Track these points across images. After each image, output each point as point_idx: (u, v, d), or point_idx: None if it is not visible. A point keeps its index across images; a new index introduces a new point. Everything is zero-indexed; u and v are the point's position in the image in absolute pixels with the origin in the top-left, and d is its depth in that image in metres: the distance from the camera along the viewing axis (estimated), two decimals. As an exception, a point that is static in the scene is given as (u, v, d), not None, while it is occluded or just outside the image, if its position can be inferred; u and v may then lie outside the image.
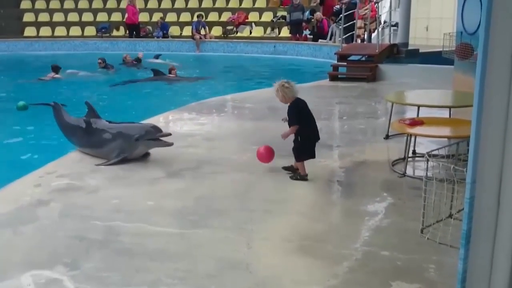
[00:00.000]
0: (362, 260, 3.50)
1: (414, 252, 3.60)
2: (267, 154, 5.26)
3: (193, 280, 3.27)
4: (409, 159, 5.53)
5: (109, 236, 3.91)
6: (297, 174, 5.15)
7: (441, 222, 2.88)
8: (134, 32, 21.83)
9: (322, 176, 5.38)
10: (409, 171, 5.36)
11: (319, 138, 5.23)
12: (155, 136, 5.56)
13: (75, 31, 23.43)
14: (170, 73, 14.23)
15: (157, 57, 18.33)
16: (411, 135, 5.33)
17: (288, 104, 5.08)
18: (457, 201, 2.85)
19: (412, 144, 5.73)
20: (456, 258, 3.40)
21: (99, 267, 3.45)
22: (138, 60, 17.16)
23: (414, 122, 5.33)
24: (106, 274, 3.37)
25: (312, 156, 5.17)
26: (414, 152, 5.71)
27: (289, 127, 5.08)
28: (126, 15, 21.80)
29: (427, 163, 2.71)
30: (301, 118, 5.06)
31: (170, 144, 5.53)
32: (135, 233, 3.97)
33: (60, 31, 23.44)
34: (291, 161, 5.28)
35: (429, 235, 2.90)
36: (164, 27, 22.29)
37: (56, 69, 14.27)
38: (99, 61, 16.17)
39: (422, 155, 5.88)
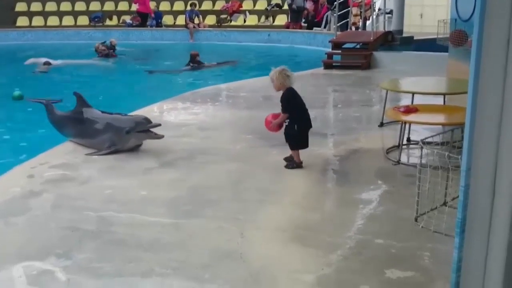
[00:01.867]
0: (356, 249, 3.49)
1: (408, 240, 3.59)
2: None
3: (187, 270, 3.25)
4: (403, 146, 5.51)
5: (101, 226, 3.88)
6: (292, 162, 5.12)
7: (435, 210, 2.86)
8: (141, 23, 21.53)
9: (317, 165, 5.35)
10: (404, 159, 5.34)
11: (311, 126, 5.21)
12: (146, 127, 5.51)
13: (68, 20, 23.20)
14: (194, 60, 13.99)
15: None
16: (405, 123, 5.31)
17: (282, 91, 5.04)
18: (452, 189, 2.83)
19: (406, 131, 5.71)
20: (451, 246, 3.39)
21: (92, 258, 3.42)
22: (112, 47, 16.87)
23: (409, 110, 5.30)
24: (98, 264, 3.34)
25: (306, 145, 5.15)
26: (408, 139, 5.69)
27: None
28: (137, 5, 21.46)
29: (421, 150, 2.68)
30: (294, 106, 5.02)
31: (161, 137, 5.48)
32: (128, 223, 3.94)
33: (53, 20, 23.22)
34: (284, 150, 5.25)
35: (423, 223, 2.88)
36: (157, 16, 22.12)
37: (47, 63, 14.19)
38: (103, 47, 16.30)
39: (417, 143, 5.87)
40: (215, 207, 4.20)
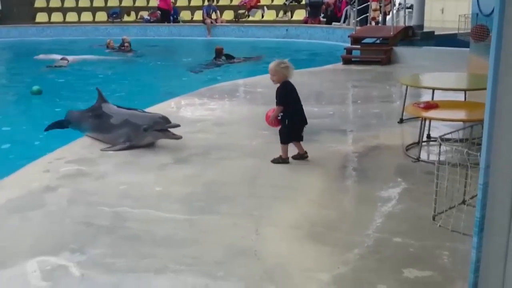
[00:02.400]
0: (374, 247, 3.41)
1: (427, 239, 3.50)
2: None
3: (201, 267, 3.21)
4: (423, 143, 5.40)
5: (116, 222, 3.87)
6: (278, 158, 5.07)
7: (454, 208, 2.77)
8: (166, 19, 21.57)
9: (334, 162, 5.28)
10: (423, 156, 5.24)
11: (306, 123, 5.14)
12: (164, 127, 5.48)
13: (86, 16, 23.42)
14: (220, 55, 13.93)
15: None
16: (425, 119, 5.20)
17: (278, 84, 5.00)
18: (471, 187, 2.73)
19: (426, 128, 5.60)
20: (471, 246, 3.32)
21: (106, 253, 3.40)
22: (123, 45, 16.95)
23: (429, 106, 5.19)
24: (112, 260, 3.32)
25: (299, 138, 5.10)
26: (428, 136, 5.58)
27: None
28: (158, 1, 21.52)
29: (440, 147, 2.58)
30: (289, 100, 4.99)
31: (179, 137, 5.44)
32: (143, 219, 3.91)
33: (72, 16, 23.45)
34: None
35: (441, 222, 2.79)
36: (174, 12, 22.15)
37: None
38: (125, 43, 16.59)
39: (436, 140, 5.76)
40: (230, 204, 4.16)
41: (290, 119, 5.01)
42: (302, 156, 5.11)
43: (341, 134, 6.43)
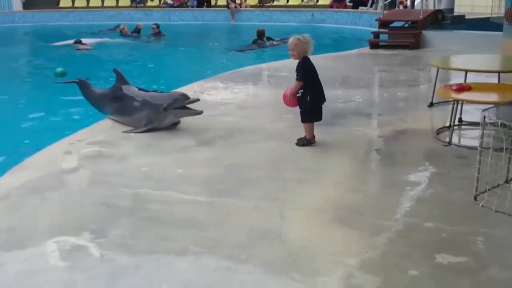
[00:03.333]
0: (403, 232, 3.25)
1: (460, 224, 3.33)
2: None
3: (222, 250, 3.10)
4: (455, 127, 5.18)
5: (137, 203, 3.78)
6: (303, 139, 4.92)
7: (497, 188, 2.58)
8: (205, 3, 21.47)
9: (361, 145, 5.11)
10: (455, 140, 5.02)
11: (325, 99, 4.99)
12: (183, 103, 5.37)
13: (110, 1, 23.46)
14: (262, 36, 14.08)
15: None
16: (457, 102, 4.97)
17: (298, 60, 4.85)
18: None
19: (458, 111, 5.37)
20: (507, 231, 3.14)
21: (126, 235, 3.32)
22: (138, 30, 16.93)
23: (461, 88, 4.97)
24: (132, 241, 3.24)
25: (319, 118, 4.95)
26: (460, 120, 5.35)
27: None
28: None
29: (483, 123, 2.36)
30: (310, 76, 4.83)
31: (200, 112, 5.34)
32: (163, 201, 3.82)
33: (95, 1, 23.51)
34: (326, 129, 5.02)
35: (484, 202, 2.60)
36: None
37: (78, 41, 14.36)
38: (153, 26, 16.60)
39: (469, 123, 5.54)
40: (253, 186, 4.03)
41: (312, 95, 4.85)
42: (309, 141, 4.93)
43: (368, 117, 6.24)
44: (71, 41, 14.54)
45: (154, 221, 3.51)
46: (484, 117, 2.30)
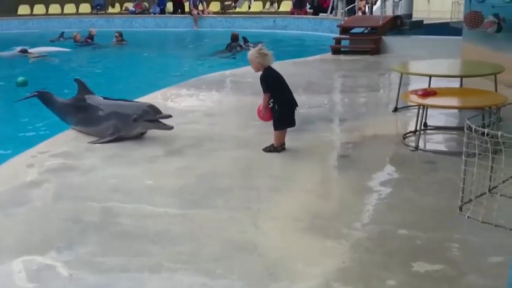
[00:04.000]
0: (379, 240, 3.25)
1: (433, 230, 3.35)
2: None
3: (198, 264, 3.02)
4: (420, 132, 5.25)
5: (106, 218, 3.66)
6: (270, 146, 4.91)
7: (481, 197, 2.58)
8: (179, 10, 21.17)
9: (330, 151, 5.13)
10: (421, 145, 5.09)
11: (297, 105, 5.00)
12: (155, 117, 5.26)
13: (69, 8, 22.98)
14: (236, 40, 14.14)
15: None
16: (424, 107, 5.04)
17: (261, 72, 4.85)
18: (496, 174, 2.56)
19: (423, 116, 5.43)
20: (481, 237, 3.17)
21: (96, 252, 3.20)
22: (91, 37, 16.67)
23: (427, 93, 5.04)
24: (103, 259, 3.12)
25: (292, 124, 4.95)
26: (425, 124, 5.42)
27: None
28: None
29: (467, 134, 2.36)
30: (274, 85, 4.84)
31: (170, 128, 5.23)
32: (134, 214, 3.71)
33: (55, 8, 22.98)
34: (295, 136, 5.01)
35: (470, 213, 2.59)
36: (161, 2, 21.80)
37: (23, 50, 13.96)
38: (116, 34, 16.34)
39: (434, 128, 5.62)
40: (226, 196, 3.97)
41: (279, 103, 4.85)
42: (275, 149, 4.90)
43: (335, 123, 6.27)
44: (15, 51, 14.07)
45: (125, 236, 3.40)
46: (470, 127, 2.29)
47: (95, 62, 13.54)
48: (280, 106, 4.87)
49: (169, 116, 5.29)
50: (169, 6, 22.06)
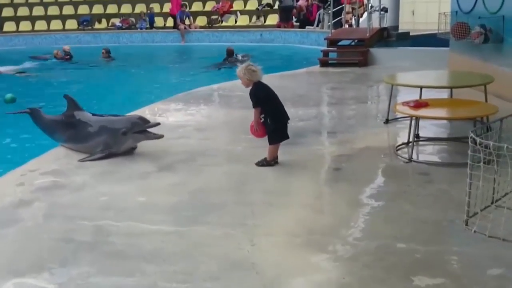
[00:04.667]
0: (377, 254, 3.21)
1: (432, 243, 3.32)
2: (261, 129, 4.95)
3: (194, 284, 2.96)
4: (412, 143, 5.24)
5: (98, 237, 3.58)
6: (263, 160, 4.88)
7: (485, 210, 2.54)
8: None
9: (323, 164, 5.10)
10: (414, 156, 5.07)
11: (289, 118, 4.98)
12: (143, 127, 5.21)
13: (56, 24, 22.82)
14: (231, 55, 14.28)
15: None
16: (416, 118, 5.04)
17: (250, 87, 4.84)
18: (499, 186, 2.54)
19: (415, 127, 5.44)
20: (479, 250, 3.14)
21: (89, 272, 3.12)
22: (67, 54, 16.55)
23: (419, 104, 5.05)
24: (96, 279, 3.04)
25: (285, 137, 4.92)
26: (417, 136, 5.42)
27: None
28: (170, 6, 20.98)
29: (473, 145, 2.32)
30: (264, 99, 4.83)
31: (160, 136, 5.19)
32: (127, 232, 3.63)
33: (41, 25, 22.83)
34: (288, 150, 4.97)
35: (476, 227, 2.54)
36: (151, 18, 21.77)
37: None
38: (103, 51, 16.29)
39: (427, 139, 5.63)
40: (220, 212, 3.91)
41: (271, 117, 4.82)
42: (268, 163, 4.87)
43: (326, 136, 6.26)
44: None
45: (119, 255, 3.32)
46: (474, 139, 2.27)
47: (80, 78, 13.42)
48: (272, 120, 4.84)
49: (158, 124, 5.29)
50: (156, 21, 22.02)
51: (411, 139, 5.09)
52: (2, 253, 3.43)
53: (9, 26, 22.91)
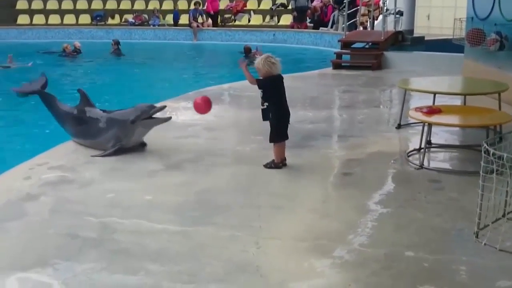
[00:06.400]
0: (385, 262, 3.16)
1: (440, 252, 3.27)
2: (205, 104, 4.93)
3: (199, 285, 2.93)
4: (424, 150, 5.17)
5: (104, 234, 3.56)
6: (271, 162, 4.83)
7: (497, 222, 2.50)
8: (211, 20, 21.08)
9: (332, 168, 5.04)
10: (426, 163, 5.01)
11: (288, 120, 4.91)
12: (150, 113, 5.20)
13: (69, 19, 22.94)
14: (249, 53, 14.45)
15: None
16: (429, 124, 4.97)
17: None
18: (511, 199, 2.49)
19: (427, 133, 5.37)
20: (488, 260, 3.09)
21: (93, 269, 3.10)
22: (76, 50, 16.58)
23: (432, 110, 4.98)
24: (100, 276, 3.03)
25: (285, 137, 4.86)
26: (429, 142, 5.35)
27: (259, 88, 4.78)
28: (206, 4, 21.04)
29: (486, 156, 2.27)
30: (277, 94, 4.77)
31: (168, 119, 5.30)
32: (133, 230, 3.62)
33: (54, 19, 22.94)
34: (298, 153, 4.93)
35: (487, 240, 2.50)
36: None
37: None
38: (112, 43, 16.39)
39: (439, 146, 5.56)
40: (227, 214, 3.88)
41: (277, 117, 4.78)
42: (276, 165, 4.81)
43: (337, 139, 6.20)
44: None
45: (124, 253, 3.30)
46: (488, 150, 2.22)
47: (91, 74, 13.46)
48: (277, 119, 4.80)
49: (164, 107, 5.38)
50: (168, 18, 22.03)
51: (423, 146, 5.03)
52: (7, 247, 3.43)
53: (23, 19, 23.05)
